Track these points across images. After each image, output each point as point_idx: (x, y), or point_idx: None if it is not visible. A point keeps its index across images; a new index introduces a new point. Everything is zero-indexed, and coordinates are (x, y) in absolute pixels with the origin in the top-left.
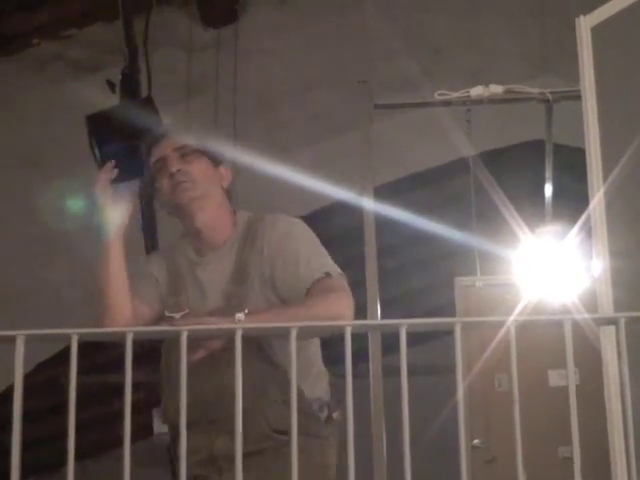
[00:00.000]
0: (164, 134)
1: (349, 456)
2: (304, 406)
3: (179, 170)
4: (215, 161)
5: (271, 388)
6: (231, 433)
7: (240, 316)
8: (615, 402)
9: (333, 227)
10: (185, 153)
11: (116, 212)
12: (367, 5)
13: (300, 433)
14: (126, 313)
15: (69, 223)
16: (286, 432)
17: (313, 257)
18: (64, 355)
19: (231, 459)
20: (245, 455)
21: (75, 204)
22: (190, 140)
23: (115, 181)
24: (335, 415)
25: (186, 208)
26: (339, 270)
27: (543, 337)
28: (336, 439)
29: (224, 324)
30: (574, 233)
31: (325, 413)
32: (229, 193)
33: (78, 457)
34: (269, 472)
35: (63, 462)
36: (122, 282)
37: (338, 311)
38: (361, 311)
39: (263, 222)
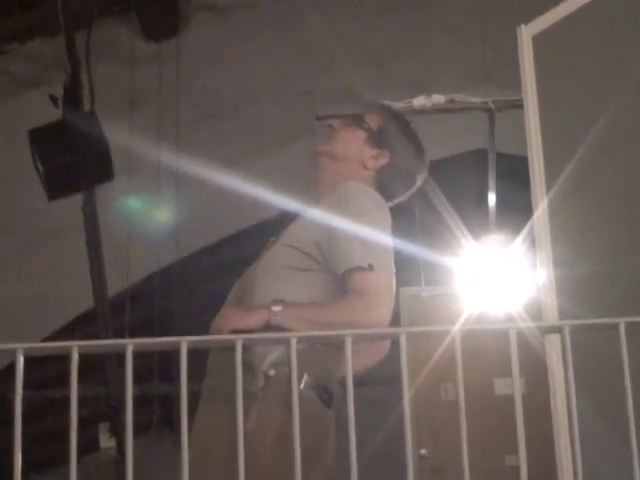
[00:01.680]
0: (374, 106)
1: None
2: (247, 362)
3: (330, 125)
4: (375, 142)
5: None
6: None
7: (277, 309)
8: (561, 410)
9: None
10: (351, 119)
11: None
12: (309, 17)
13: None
14: None
15: (11, 236)
16: None
17: (361, 240)
18: (10, 371)
19: None
20: None
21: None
22: (368, 116)
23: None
24: (271, 372)
25: (315, 159)
26: (387, 266)
27: (488, 346)
28: (279, 404)
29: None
30: (518, 242)
31: (269, 371)
32: (380, 177)
33: (24, 473)
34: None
35: (9, 478)
36: None
37: (375, 319)
38: None
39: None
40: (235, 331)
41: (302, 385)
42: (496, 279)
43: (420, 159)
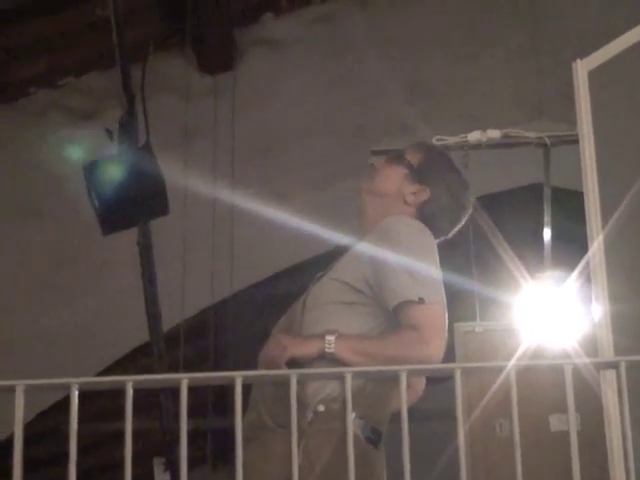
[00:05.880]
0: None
1: None
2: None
3: (372, 164)
4: (415, 178)
5: None
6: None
7: (331, 338)
8: (617, 446)
9: None
10: (397, 158)
11: None
12: (362, 50)
13: (276, 425)
14: None
15: (66, 270)
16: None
17: (409, 273)
18: (64, 403)
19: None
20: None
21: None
22: (409, 153)
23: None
24: (320, 408)
25: (359, 196)
26: (438, 297)
27: (544, 382)
28: (329, 438)
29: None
30: (574, 278)
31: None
32: (422, 212)
33: None
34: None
35: None
36: None
37: (430, 354)
38: None
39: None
40: (292, 360)
41: (361, 431)
42: (552, 315)
43: (464, 196)
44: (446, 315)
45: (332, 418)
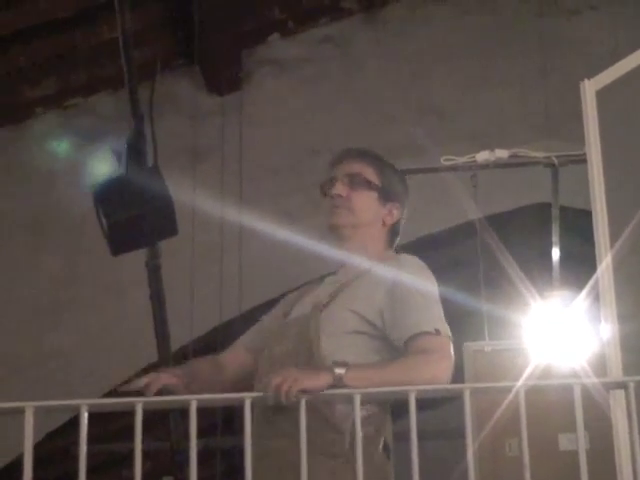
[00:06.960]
0: (344, 156)
1: None
2: (331, 422)
3: (339, 195)
4: (385, 197)
5: None
6: None
7: (341, 372)
8: (626, 465)
9: None
10: (355, 182)
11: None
12: (370, 70)
13: (314, 452)
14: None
15: (75, 290)
16: None
17: (428, 308)
18: (74, 424)
19: None
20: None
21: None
22: (367, 172)
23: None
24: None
25: (336, 232)
26: (448, 332)
27: (553, 401)
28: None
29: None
30: (582, 297)
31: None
32: (392, 229)
33: None
34: None
35: None
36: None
37: (437, 375)
38: None
39: (394, 260)
40: (302, 392)
41: (381, 446)
42: (561, 334)
43: (406, 188)
44: (452, 350)
45: (370, 442)
